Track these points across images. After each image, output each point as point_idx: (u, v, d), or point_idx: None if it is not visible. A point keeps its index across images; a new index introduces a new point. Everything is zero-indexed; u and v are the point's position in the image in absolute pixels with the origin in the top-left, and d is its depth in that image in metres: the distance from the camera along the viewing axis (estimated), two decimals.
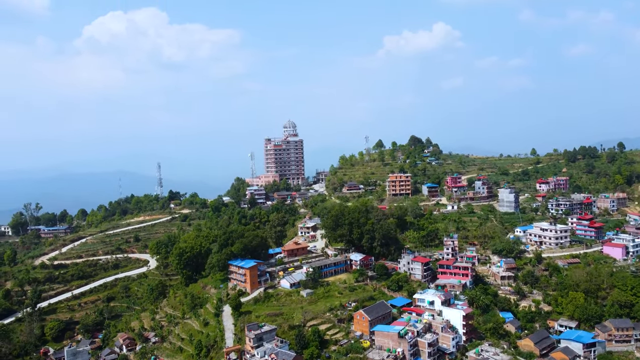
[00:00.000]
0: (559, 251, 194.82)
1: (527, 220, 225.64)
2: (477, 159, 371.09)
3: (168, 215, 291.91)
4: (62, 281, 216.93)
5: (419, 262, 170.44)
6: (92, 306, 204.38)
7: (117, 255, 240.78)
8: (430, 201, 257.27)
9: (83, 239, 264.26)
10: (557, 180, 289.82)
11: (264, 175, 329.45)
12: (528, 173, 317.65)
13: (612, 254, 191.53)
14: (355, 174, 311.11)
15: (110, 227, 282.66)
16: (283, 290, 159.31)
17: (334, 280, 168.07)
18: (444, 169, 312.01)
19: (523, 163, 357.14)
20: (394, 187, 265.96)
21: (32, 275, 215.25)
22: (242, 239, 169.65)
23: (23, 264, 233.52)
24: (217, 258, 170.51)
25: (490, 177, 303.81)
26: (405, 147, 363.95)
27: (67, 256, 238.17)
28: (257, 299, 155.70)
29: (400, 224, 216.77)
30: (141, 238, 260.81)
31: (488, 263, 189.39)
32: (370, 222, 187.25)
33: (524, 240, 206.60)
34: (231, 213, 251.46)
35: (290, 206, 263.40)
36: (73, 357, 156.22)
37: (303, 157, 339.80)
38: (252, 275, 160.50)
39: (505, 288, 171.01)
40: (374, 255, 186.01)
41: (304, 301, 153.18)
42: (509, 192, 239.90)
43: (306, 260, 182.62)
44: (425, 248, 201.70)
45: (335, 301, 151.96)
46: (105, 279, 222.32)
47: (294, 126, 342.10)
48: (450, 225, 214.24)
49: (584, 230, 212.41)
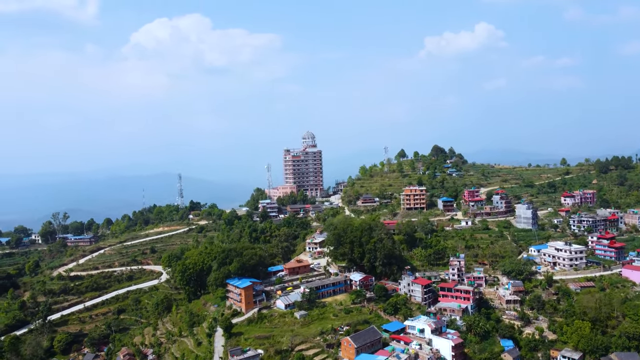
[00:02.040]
0: (573, 273, 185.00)
1: (543, 239, 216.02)
2: (503, 170, 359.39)
3: (186, 227, 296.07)
4: (77, 293, 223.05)
5: (419, 284, 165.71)
6: (102, 318, 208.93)
7: (131, 267, 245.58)
8: (445, 216, 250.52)
9: (102, 249, 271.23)
10: (584, 193, 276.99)
11: (281, 187, 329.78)
12: (555, 185, 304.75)
13: (631, 278, 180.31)
14: (373, 186, 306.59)
15: (129, 237, 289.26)
16: (277, 311, 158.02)
17: (331, 301, 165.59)
18: (464, 180, 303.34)
19: (552, 174, 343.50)
20: (408, 200, 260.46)
21: (48, 286, 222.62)
22: (240, 258, 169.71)
23: (42, 274, 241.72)
24: (215, 276, 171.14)
25: (512, 190, 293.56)
26: (426, 157, 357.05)
27: (84, 267, 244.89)
28: (251, 320, 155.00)
29: (410, 241, 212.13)
30: (157, 249, 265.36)
31: (496, 285, 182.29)
32: (372, 241, 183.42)
33: (538, 261, 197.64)
34: (242, 226, 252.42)
35: (303, 219, 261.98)
36: None
37: (322, 168, 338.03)
38: (247, 295, 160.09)
39: (510, 313, 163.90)
40: (376, 275, 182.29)
41: (297, 323, 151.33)
42: (526, 207, 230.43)
43: (306, 279, 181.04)
44: (432, 267, 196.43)
45: (328, 324, 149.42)
46: (117, 290, 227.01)
47: (312, 137, 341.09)
48: (459, 243, 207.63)
49: (604, 251, 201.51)
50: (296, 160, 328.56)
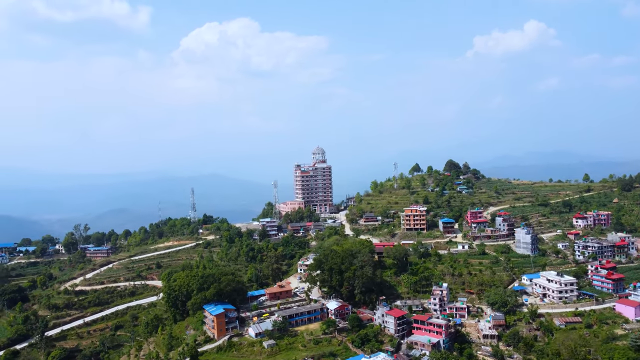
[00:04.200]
0: (562, 307, 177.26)
1: (539, 266, 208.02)
2: (520, 186, 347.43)
3: (194, 242, 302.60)
4: (79, 307, 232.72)
5: (392, 315, 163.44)
6: (100, 334, 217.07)
7: (135, 283, 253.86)
8: (444, 238, 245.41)
9: (112, 263, 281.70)
10: (598, 214, 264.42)
11: (290, 202, 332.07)
12: (570, 204, 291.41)
13: (624, 313, 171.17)
14: (379, 203, 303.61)
15: (139, 251, 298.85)
16: (247, 340, 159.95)
17: (304, 329, 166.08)
18: (472, 199, 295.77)
19: (572, 190, 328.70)
20: (409, 221, 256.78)
21: (53, 301, 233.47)
22: (217, 284, 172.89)
23: (52, 288, 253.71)
24: (193, 301, 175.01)
25: (523, 209, 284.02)
26: (439, 173, 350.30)
27: (90, 282, 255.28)
28: (221, 347, 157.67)
29: (401, 266, 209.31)
30: (163, 264, 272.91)
31: (478, 316, 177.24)
32: (353, 268, 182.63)
33: (529, 291, 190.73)
34: (241, 245, 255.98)
35: (302, 239, 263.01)
36: None
37: (331, 184, 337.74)
38: (219, 322, 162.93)
39: (485, 349, 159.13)
40: (355, 303, 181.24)
41: (264, 353, 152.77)
42: (525, 232, 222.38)
43: (285, 305, 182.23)
44: (418, 295, 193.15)
45: (295, 355, 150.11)
46: (118, 306, 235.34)
47: (322, 153, 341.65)
48: (447, 269, 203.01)
49: (601, 282, 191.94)
50: (305, 176, 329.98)
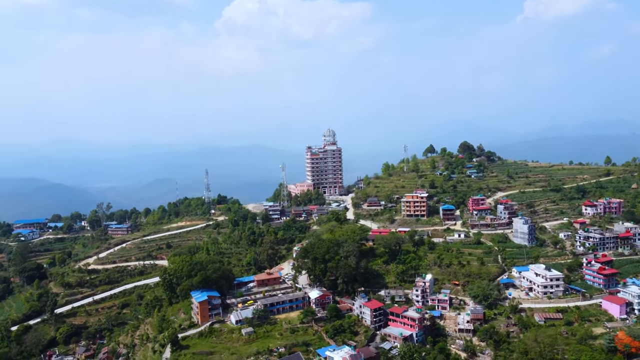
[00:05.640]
0: (546, 302, 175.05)
1: (532, 258, 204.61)
2: (537, 168, 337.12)
3: (205, 222, 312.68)
4: (90, 286, 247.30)
5: (368, 307, 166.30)
6: (107, 312, 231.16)
7: (144, 262, 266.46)
8: (443, 225, 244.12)
9: (125, 243, 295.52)
10: (609, 202, 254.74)
11: (299, 184, 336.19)
12: (584, 190, 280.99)
13: (610, 310, 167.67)
14: (387, 187, 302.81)
15: (152, 231, 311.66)
16: (228, 327, 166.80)
17: (284, 318, 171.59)
18: (479, 184, 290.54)
19: (590, 174, 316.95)
20: (409, 207, 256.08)
21: (67, 279, 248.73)
22: (203, 272, 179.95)
23: (68, 266, 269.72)
24: (181, 288, 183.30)
25: (533, 195, 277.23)
26: (451, 155, 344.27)
27: (102, 261, 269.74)
28: (202, 333, 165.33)
29: (392, 254, 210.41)
30: (173, 245, 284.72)
31: (460, 309, 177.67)
32: (337, 258, 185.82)
33: (517, 284, 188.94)
34: (242, 229, 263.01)
35: (303, 223, 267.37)
36: None
37: (341, 166, 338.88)
38: (202, 309, 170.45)
39: (460, 342, 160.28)
40: (338, 293, 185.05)
41: (241, 340, 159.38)
42: (523, 222, 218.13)
43: (271, 293, 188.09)
44: (404, 284, 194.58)
45: (270, 343, 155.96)
46: (126, 285, 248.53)
47: (333, 135, 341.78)
48: (435, 259, 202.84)
49: (592, 277, 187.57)
50: (315, 158, 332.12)
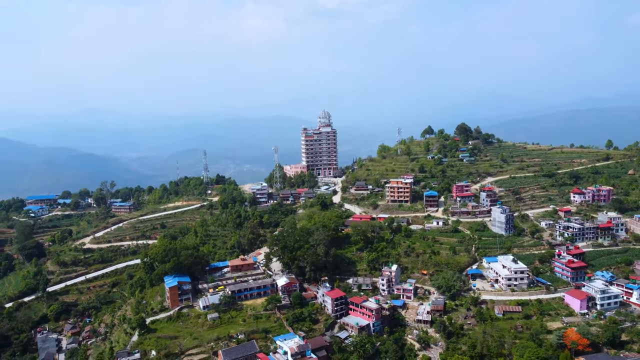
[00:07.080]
0: (509, 294, 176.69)
1: (505, 248, 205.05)
2: (536, 151, 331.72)
3: (201, 202, 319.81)
4: (84, 264, 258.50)
5: (330, 297, 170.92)
6: (98, 290, 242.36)
7: (137, 242, 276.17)
8: (425, 212, 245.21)
9: (122, 222, 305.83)
10: (598, 190, 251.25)
11: (293, 166, 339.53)
12: (578, 176, 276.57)
13: (571, 305, 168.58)
14: (377, 170, 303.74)
15: (150, 210, 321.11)
16: (195, 312, 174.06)
17: (251, 304, 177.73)
18: (470, 169, 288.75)
19: (589, 158, 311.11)
20: (393, 193, 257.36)
21: (62, 258, 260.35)
22: (176, 258, 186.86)
23: (66, 245, 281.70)
24: (156, 273, 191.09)
25: (523, 181, 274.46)
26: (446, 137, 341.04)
27: (98, 240, 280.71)
28: (171, 317, 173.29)
29: (367, 241, 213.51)
30: (167, 225, 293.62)
31: (424, 299, 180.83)
32: (306, 247, 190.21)
33: (486, 275, 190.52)
34: (229, 212, 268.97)
35: (289, 207, 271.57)
36: (42, 342, 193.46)
37: (336, 148, 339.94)
38: (172, 294, 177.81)
39: (416, 333, 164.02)
40: (307, 280, 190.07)
41: (206, 325, 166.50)
42: (501, 211, 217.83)
43: (242, 279, 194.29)
44: (375, 272, 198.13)
45: (231, 329, 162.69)
46: (119, 264, 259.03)
47: (328, 116, 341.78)
48: (405, 247, 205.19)
49: (561, 269, 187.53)
50: (310, 140, 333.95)
